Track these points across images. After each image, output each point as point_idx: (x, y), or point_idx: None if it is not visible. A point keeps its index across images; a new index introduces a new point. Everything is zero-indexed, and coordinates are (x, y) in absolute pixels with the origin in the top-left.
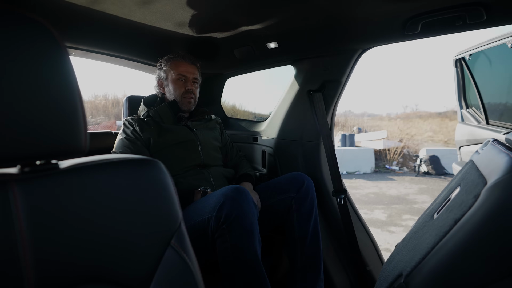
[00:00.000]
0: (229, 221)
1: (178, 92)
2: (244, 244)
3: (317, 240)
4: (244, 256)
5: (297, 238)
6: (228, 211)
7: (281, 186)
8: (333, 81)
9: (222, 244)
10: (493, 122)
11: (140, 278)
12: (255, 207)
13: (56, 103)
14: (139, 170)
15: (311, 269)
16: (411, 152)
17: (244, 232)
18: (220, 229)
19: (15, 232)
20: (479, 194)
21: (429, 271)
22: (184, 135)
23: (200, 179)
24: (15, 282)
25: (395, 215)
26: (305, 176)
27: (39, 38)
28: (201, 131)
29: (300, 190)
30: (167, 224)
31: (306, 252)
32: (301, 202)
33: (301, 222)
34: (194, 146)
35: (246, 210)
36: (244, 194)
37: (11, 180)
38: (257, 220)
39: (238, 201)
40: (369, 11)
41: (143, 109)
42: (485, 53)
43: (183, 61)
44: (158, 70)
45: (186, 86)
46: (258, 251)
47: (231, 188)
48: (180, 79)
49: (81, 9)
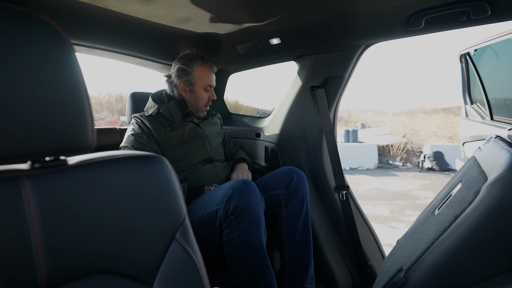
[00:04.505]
0: (237, 212)
1: (202, 102)
2: (251, 235)
3: (307, 237)
4: (250, 246)
5: (286, 235)
6: (236, 203)
7: (271, 182)
8: (336, 77)
9: (230, 234)
10: (498, 118)
11: (146, 270)
12: (261, 200)
13: (64, 100)
14: (144, 166)
15: (300, 266)
16: (415, 148)
17: (251, 223)
18: (228, 220)
19: (28, 226)
20: (479, 190)
21: (428, 266)
22: (192, 130)
23: (209, 174)
24: (28, 274)
25: (397, 210)
26: (296, 171)
27: (46, 37)
28: (207, 127)
29: (289, 186)
30: (172, 219)
31: (294, 249)
32: (289, 199)
33: (289, 219)
34: (202, 140)
35: (254, 202)
36: (252, 187)
37: (23, 175)
38: (263, 212)
39: (245, 193)
40: (373, 6)
41: (152, 105)
42: (490, 48)
43: (211, 71)
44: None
45: (209, 96)
46: (264, 241)
47: (239, 181)
48: (207, 90)
49: (85, 6)
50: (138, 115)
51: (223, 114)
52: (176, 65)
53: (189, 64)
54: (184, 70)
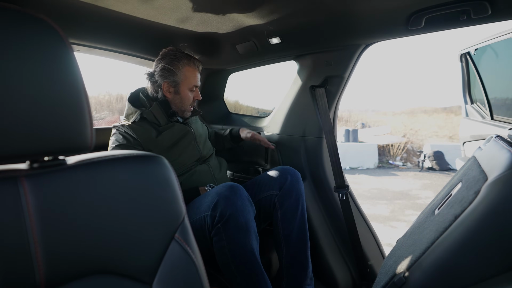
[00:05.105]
0: (224, 220)
1: (187, 103)
2: (240, 242)
3: (304, 237)
4: (240, 253)
5: (282, 236)
6: (222, 210)
7: (265, 182)
8: (336, 77)
9: (219, 242)
10: (498, 118)
11: (145, 270)
12: (250, 205)
13: (62, 100)
14: (144, 166)
15: (298, 267)
16: (415, 147)
17: (239, 229)
18: (215, 227)
19: (26, 226)
20: (479, 190)
21: (428, 265)
22: (180, 130)
23: (204, 175)
24: (27, 274)
25: (398, 210)
26: (290, 171)
27: (45, 37)
28: (193, 124)
29: (283, 187)
30: (171, 218)
31: (292, 251)
32: (283, 200)
33: (285, 220)
34: (191, 139)
35: (241, 208)
36: (239, 192)
37: (21, 175)
38: (253, 217)
39: (231, 199)
40: (373, 5)
41: (133, 111)
42: (490, 47)
43: (197, 70)
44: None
45: (194, 96)
46: (255, 248)
47: (225, 186)
48: (192, 91)
49: (85, 6)
50: (119, 125)
51: (223, 114)
52: (160, 64)
53: (174, 64)
54: (169, 70)
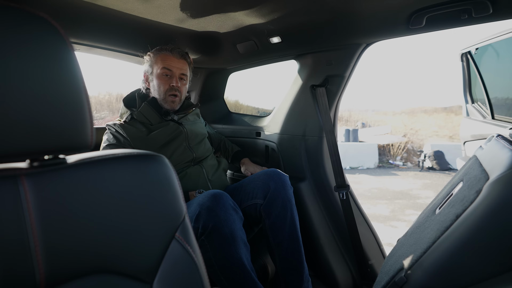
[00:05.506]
0: (207, 232)
1: (162, 89)
2: (226, 252)
3: (296, 243)
4: (227, 264)
5: (273, 244)
6: (204, 222)
7: (248, 190)
8: (337, 76)
9: (205, 254)
10: (499, 117)
11: (145, 269)
12: (235, 213)
13: (63, 99)
14: (144, 165)
15: (293, 272)
16: (416, 147)
17: (224, 240)
18: (199, 240)
19: (26, 225)
20: (481, 189)
21: (429, 265)
22: (173, 130)
23: (196, 177)
24: (27, 273)
25: (398, 210)
26: (274, 177)
27: (45, 35)
28: (188, 124)
29: (267, 196)
30: (172, 217)
31: (285, 257)
32: (270, 210)
33: (274, 230)
34: (183, 140)
35: (224, 219)
36: (222, 202)
37: (21, 174)
38: (240, 225)
39: (214, 210)
40: (374, 5)
41: (125, 111)
42: (491, 47)
43: (171, 55)
44: (146, 63)
45: (170, 82)
46: (243, 256)
47: (207, 195)
48: (165, 75)
49: (85, 5)
50: (111, 124)
51: (223, 114)
52: None
53: (151, 55)
54: (147, 61)
